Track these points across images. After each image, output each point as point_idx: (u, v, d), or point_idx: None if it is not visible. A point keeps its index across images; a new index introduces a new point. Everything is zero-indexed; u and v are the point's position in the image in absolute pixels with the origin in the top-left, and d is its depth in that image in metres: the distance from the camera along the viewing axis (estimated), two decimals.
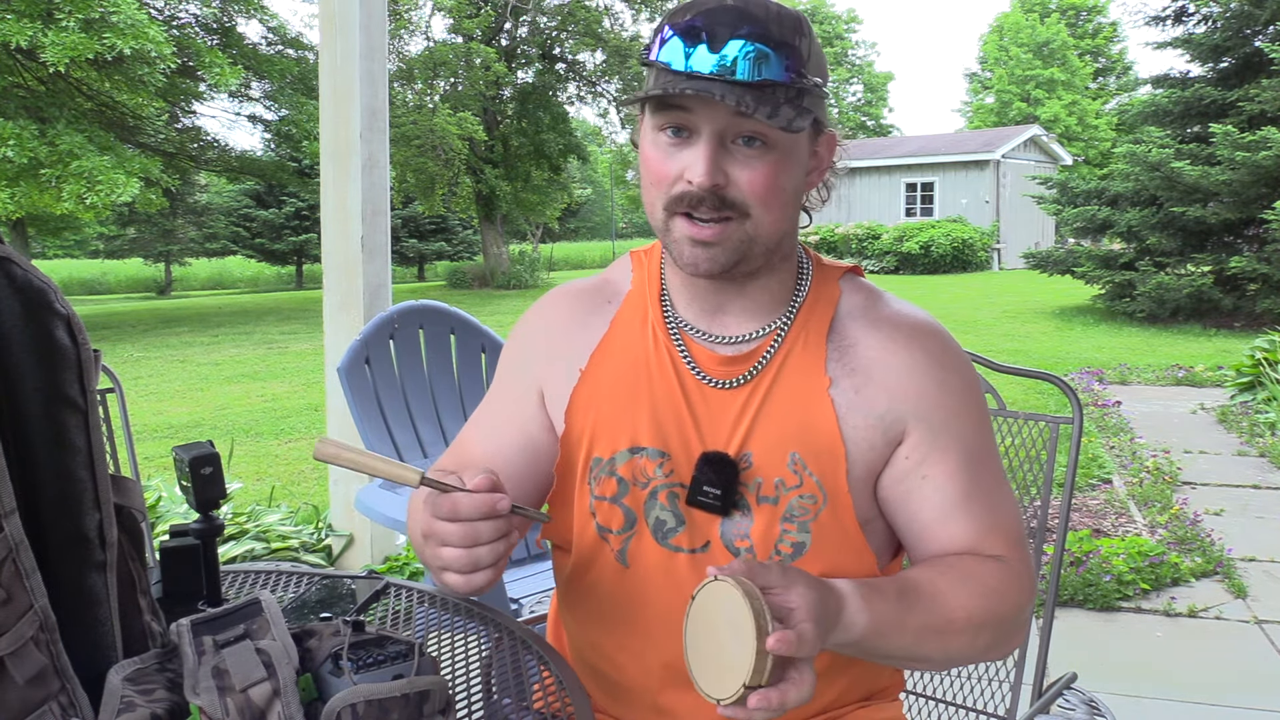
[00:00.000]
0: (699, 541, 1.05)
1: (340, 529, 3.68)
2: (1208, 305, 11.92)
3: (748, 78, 0.94)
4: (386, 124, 3.50)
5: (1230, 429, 6.29)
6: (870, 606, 0.91)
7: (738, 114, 0.94)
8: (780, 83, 0.95)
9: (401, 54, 22.14)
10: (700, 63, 0.95)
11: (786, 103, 0.96)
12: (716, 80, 0.94)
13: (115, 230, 29.67)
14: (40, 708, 0.78)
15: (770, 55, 0.94)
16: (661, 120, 0.99)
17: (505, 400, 1.17)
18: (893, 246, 23.08)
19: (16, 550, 0.77)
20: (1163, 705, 2.74)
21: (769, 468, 1.03)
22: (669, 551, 1.05)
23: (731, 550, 1.04)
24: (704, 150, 0.96)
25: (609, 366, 1.10)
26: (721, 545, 1.04)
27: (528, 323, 1.20)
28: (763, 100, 0.94)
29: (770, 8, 0.97)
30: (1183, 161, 11.73)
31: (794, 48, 0.96)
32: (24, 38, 11.54)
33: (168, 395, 8.98)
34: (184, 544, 1.11)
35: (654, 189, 1.01)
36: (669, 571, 1.06)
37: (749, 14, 0.95)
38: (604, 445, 1.07)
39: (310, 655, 0.81)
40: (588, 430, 1.08)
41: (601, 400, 1.08)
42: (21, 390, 0.82)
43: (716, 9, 0.96)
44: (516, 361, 1.18)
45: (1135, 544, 3.78)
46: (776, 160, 0.98)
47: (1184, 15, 13.67)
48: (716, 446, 1.04)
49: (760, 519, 1.03)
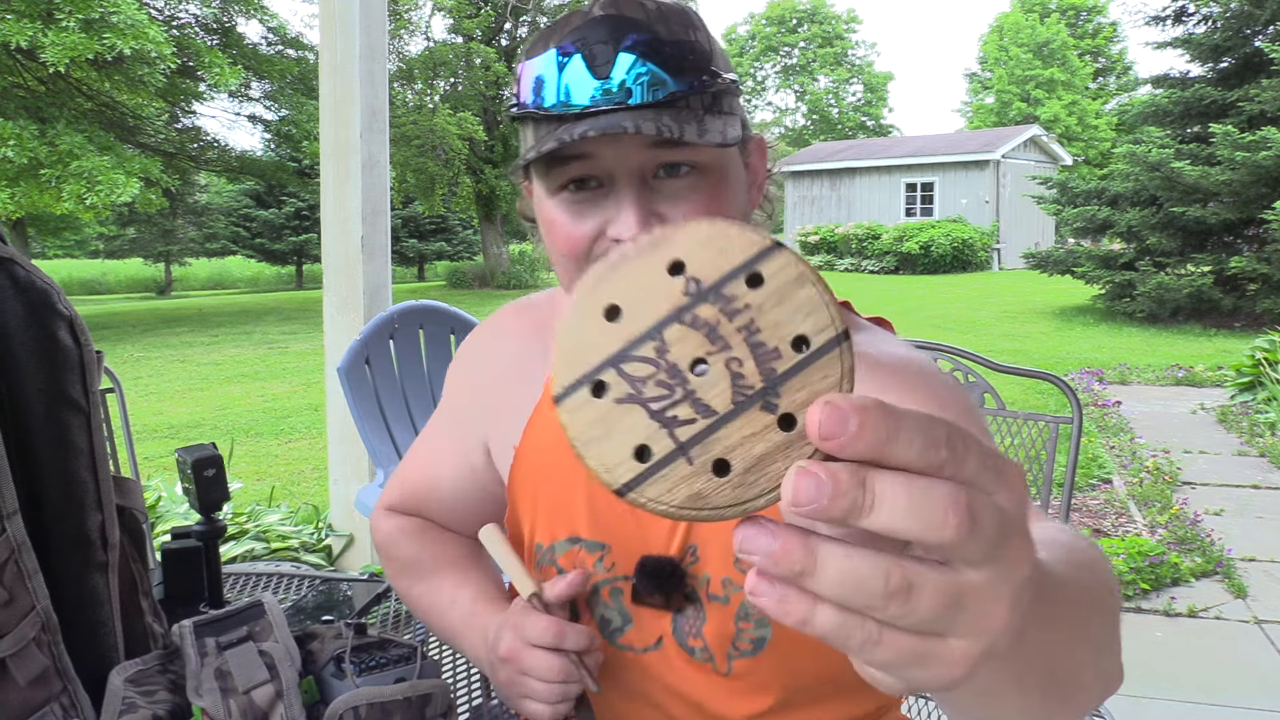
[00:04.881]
0: (650, 639, 0.90)
1: (340, 529, 3.68)
2: (1208, 305, 11.92)
3: (651, 96, 0.76)
4: (386, 124, 3.50)
5: (1230, 429, 6.29)
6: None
7: (658, 143, 0.77)
8: (692, 91, 0.78)
9: (401, 54, 22.13)
10: (587, 93, 0.77)
11: (709, 112, 0.79)
12: (618, 110, 0.76)
13: (115, 230, 29.67)
14: (42, 709, 0.78)
15: (670, 61, 0.77)
16: (559, 178, 0.81)
17: (454, 439, 1.05)
18: (892, 246, 23.07)
19: (19, 551, 0.77)
20: (1163, 705, 2.74)
21: (716, 562, 0.87)
22: (617, 650, 0.92)
23: (685, 649, 0.89)
24: (627, 198, 0.79)
25: (544, 440, 0.95)
26: (674, 642, 0.89)
27: (476, 353, 1.06)
28: (682, 117, 0.76)
29: (648, 6, 0.79)
30: (1183, 161, 11.73)
31: (693, 44, 0.79)
32: (24, 38, 11.53)
33: (168, 395, 8.97)
34: (186, 546, 1.11)
35: (569, 260, 0.83)
36: (619, 673, 0.92)
37: (626, 20, 0.78)
38: (544, 532, 0.94)
39: (313, 658, 0.81)
40: (528, 515, 0.96)
41: (540, 481, 0.95)
42: (24, 391, 0.82)
43: (584, 25, 0.78)
44: (464, 403, 1.05)
45: (1135, 544, 3.79)
46: (714, 184, 0.81)
47: (1184, 15, 13.68)
48: (657, 540, 0.88)
49: (713, 617, 0.87)
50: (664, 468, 0.36)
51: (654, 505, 0.36)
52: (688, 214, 0.80)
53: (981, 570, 0.34)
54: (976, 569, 0.34)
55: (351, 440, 3.29)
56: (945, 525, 0.32)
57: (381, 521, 1.11)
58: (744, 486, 0.35)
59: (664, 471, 0.36)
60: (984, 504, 0.33)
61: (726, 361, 0.36)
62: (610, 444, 0.36)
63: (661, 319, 0.36)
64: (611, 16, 0.78)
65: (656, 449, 0.36)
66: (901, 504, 0.32)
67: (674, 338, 0.36)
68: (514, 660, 0.84)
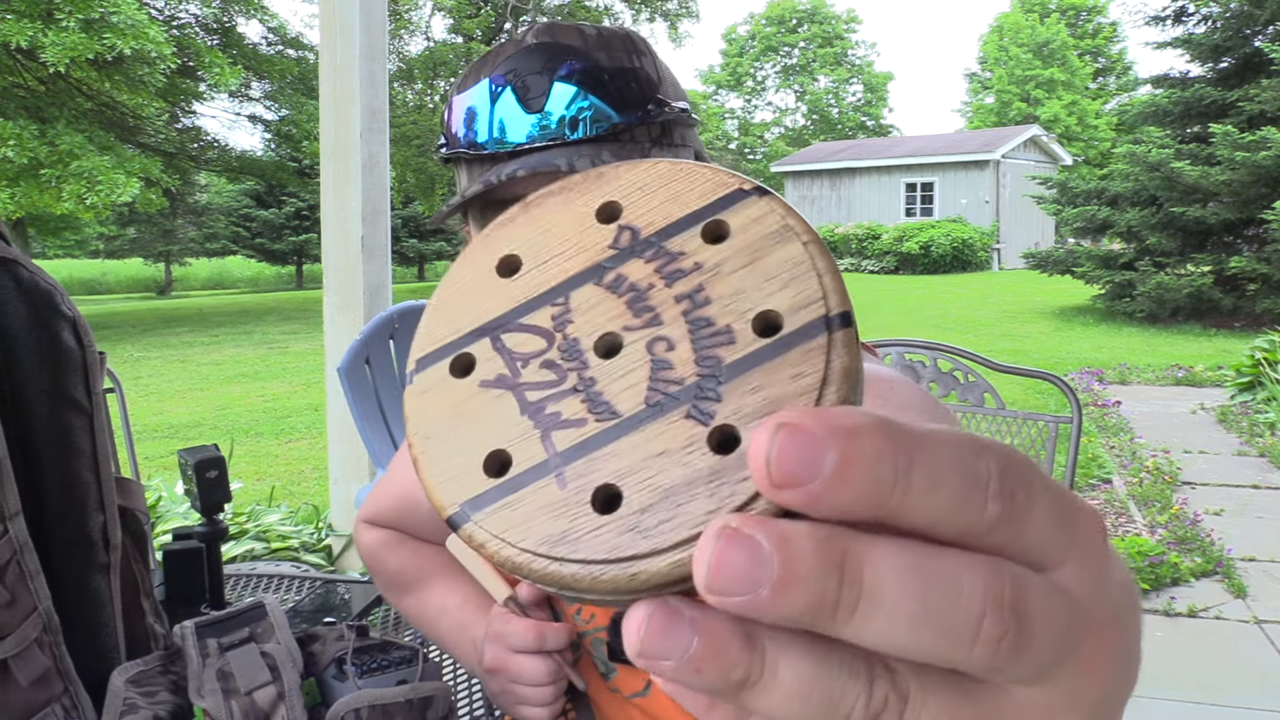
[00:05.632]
0: (639, 685, 0.88)
1: (340, 529, 3.69)
2: (1208, 305, 11.92)
3: (593, 130, 0.71)
4: (387, 124, 3.50)
5: (1230, 429, 6.29)
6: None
7: None
8: (638, 122, 0.72)
9: (401, 54, 22.13)
10: (523, 130, 0.71)
11: (656, 144, 0.74)
12: (553, 146, 0.71)
13: (115, 230, 29.68)
14: (44, 709, 0.78)
15: (612, 91, 0.71)
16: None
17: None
18: (892, 247, 23.07)
19: (21, 552, 0.78)
20: (1163, 705, 2.75)
21: None
22: (610, 694, 0.91)
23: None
24: None
25: None
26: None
27: None
28: (625, 152, 0.72)
29: (587, 32, 0.74)
30: (1183, 161, 11.73)
31: (636, 71, 0.73)
32: (24, 38, 11.54)
33: (168, 395, 8.97)
34: (188, 547, 1.11)
35: None
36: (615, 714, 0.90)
37: (562, 47, 0.72)
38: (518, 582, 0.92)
39: (314, 659, 0.82)
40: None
41: None
42: (27, 392, 0.82)
43: (517, 54, 0.72)
44: None
45: (1135, 544, 3.79)
46: None
47: (1184, 15, 13.69)
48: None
49: None
50: (521, 488, 0.23)
51: (492, 545, 0.23)
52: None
53: (1036, 690, 0.21)
54: (1027, 687, 0.21)
55: (351, 440, 3.29)
56: (976, 641, 0.19)
57: (363, 534, 1.09)
58: (634, 534, 0.22)
59: (520, 494, 0.23)
60: (1042, 597, 0.20)
61: (650, 342, 0.24)
62: (455, 443, 0.24)
63: (570, 276, 0.25)
64: (546, 45, 0.72)
65: (519, 459, 0.24)
66: (907, 607, 0.19)
67: (582, 303, 0.25)
68: (501, 670, 0.84)
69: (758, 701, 0.20)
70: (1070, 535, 0.21)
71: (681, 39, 29.06)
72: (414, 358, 0.26)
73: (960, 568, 0.19)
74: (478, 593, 1.00)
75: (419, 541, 1.07)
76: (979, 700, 0.21)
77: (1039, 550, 0.21)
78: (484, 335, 0.25)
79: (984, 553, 0.20)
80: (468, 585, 1.01)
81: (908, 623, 0.19)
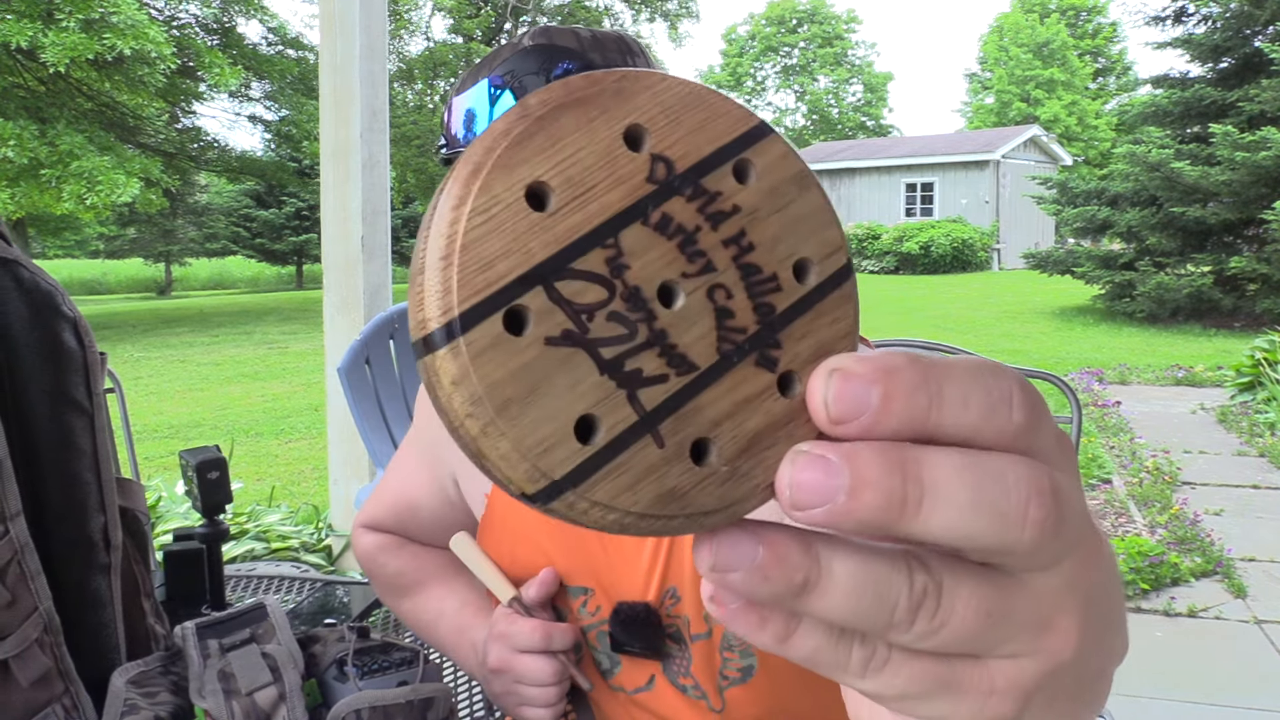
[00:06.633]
0: (642, 680, 0.87)
1: (340, 529, 3.69)
2: (1208, 305, 11.92)
3: None
4: (387, 124, 3.50)
5: (1230, 429, 6.29)
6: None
7: None
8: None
9: (401, 54, 22.14)
10: None
11: None
12: None
13: (115, 230, 29.67)
14: (44, 710, 0.78)
15: None
16: None
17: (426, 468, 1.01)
18: (892, 247, 23.07)
19: (22, 553, 0.78)
20: (1163, 705, 2.75)
21: (697, 602, 0.82)
22: (611, 692, 0.89)
23: (678, 687, 0.86)
24: None
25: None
26: (666, 680, 0.86)
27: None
28: None
29: (583, 34, 0.76)
30: (1183, 162, 11.74)
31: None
32: (24, 38, 11.54)
33: (168, 395, 8.97)
34: (188, 548, 1.11)
35: None
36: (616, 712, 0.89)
37: (559, 49, 0.74)
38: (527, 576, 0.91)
39: (315, 660, 0.82)
40: (504, 561, 0.92)
41: (514, 524, 0.91)
42: (28, 392, 0.82)
43: (514, 57, 0.74)
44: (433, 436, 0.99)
45: (1135, 544, 3.79)
46: None
47: (1184, 15, 13.69)
48: (633, 584, 0.84)
49: (699, 655, 0.85)
50: (621, 451, 0.23)
51: (602, 516, 0.23)
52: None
53: (1049, 574, 0.25)
54: (1044, 573, 0.25)
55: (351, 440, 3.29)
56: (1026, 523, 0.23)
57: (361, 537, 1.09)
58: (734, 481, 0.24)
59: (621, 458, 0.23)
60: (1067, 487, 0.24)
61: (709, 290, 0.24)
62: (536, 412, 0.22)
63: (614, 215, 0.23)
64: (543, 47, 0.74)
65: (609, 422, 0.23)
66: (965, 497, 0.22)
67: (634, 246, 0.23)
68: (506, 670, 0.84)
69: (818, 603, 0.23)
70: (1065, 446, 0.25)
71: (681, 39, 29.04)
72: (442, 310, 0.22)
73: (1004, 463, 0.23)
74: (476, 595, 1.00)
75: (418, 545, 1.06)
76: (1001, 586, 0.24)
77: (1048, 455, 0.24)
78: (535, 284, 0.22)
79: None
80: (466, 588, 1.01)
81: (968, 512, 0.22)
